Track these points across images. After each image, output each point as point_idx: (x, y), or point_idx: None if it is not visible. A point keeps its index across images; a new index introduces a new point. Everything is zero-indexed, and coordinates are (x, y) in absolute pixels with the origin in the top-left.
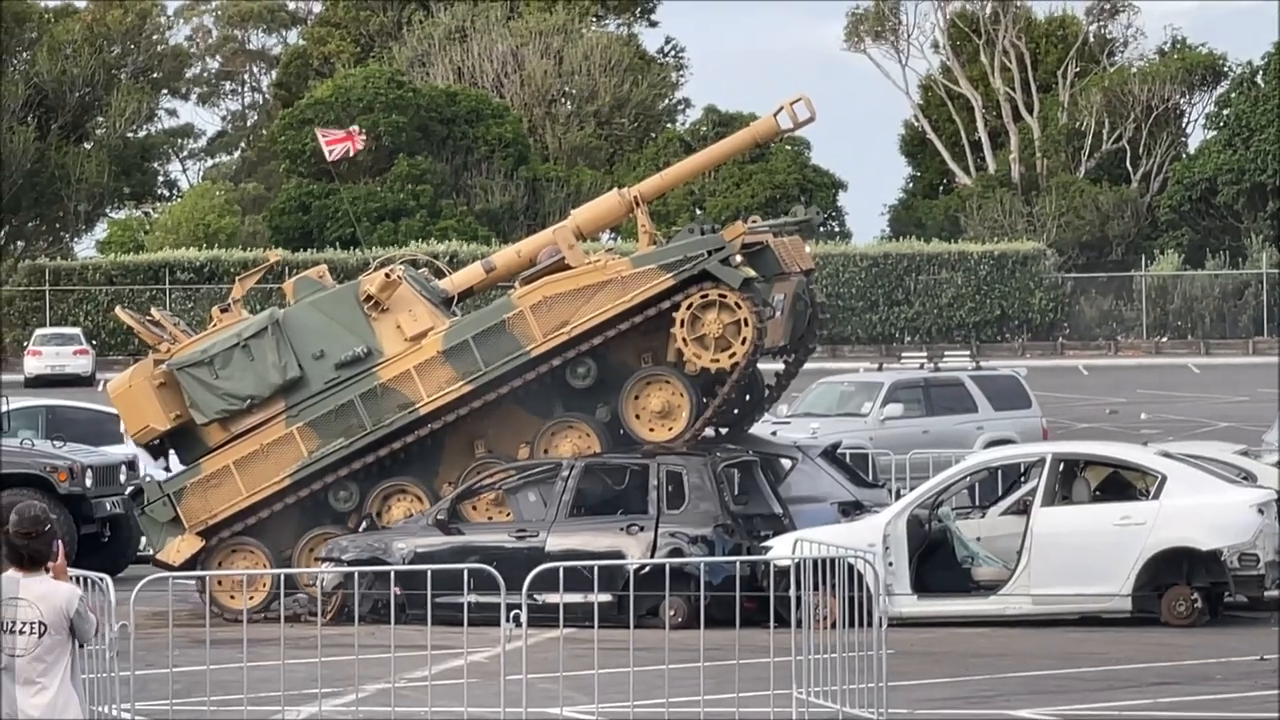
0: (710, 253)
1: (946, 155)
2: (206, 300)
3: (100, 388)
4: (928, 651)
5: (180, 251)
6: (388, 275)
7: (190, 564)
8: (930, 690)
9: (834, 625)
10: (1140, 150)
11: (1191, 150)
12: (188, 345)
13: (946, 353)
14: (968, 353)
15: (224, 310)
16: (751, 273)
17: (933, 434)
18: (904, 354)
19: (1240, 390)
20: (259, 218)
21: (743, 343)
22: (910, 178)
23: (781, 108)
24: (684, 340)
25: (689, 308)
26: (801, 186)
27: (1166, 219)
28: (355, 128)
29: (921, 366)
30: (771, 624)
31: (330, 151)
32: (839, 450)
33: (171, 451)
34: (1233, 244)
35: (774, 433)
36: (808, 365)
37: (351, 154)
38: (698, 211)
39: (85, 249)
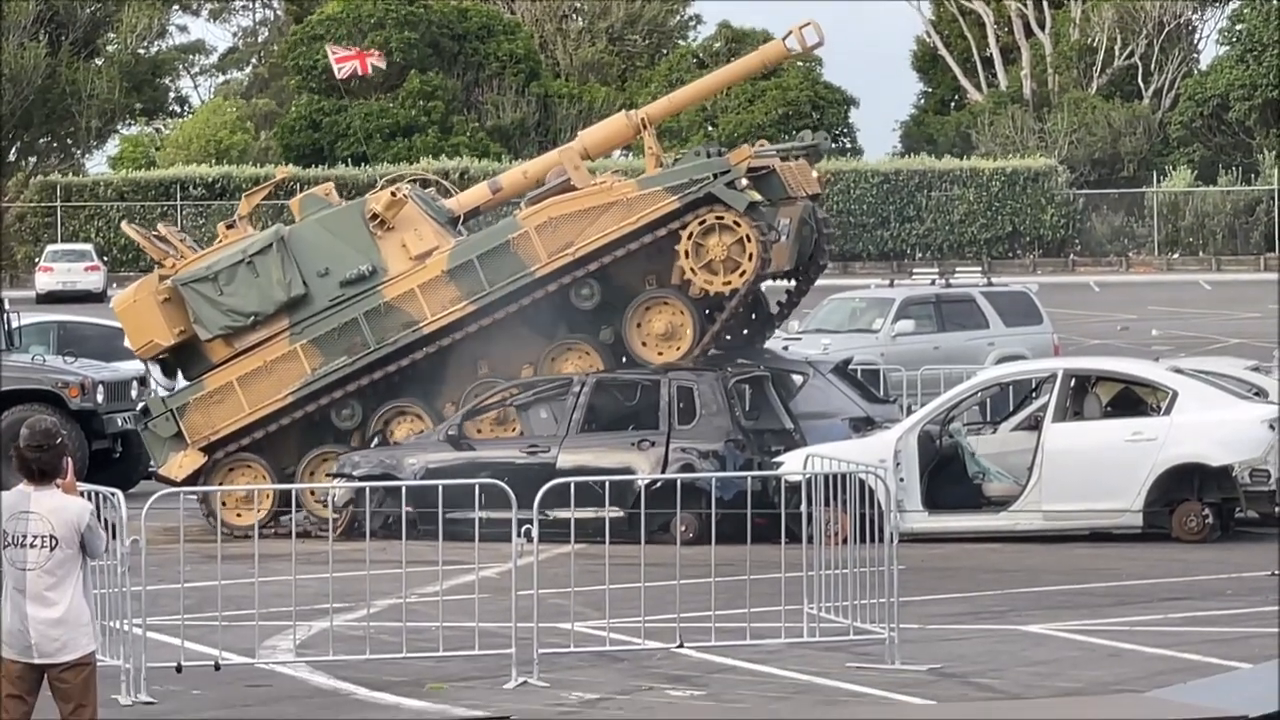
0: (716, 176)
1: (958, 71)
2: (218, 216)
3: (111, 304)
4: (939, 567)
5: (191, 168)
6: (394, 194)
7: (193, 479)
8: (941, 606)
9: (845, 541)
10: (1152, 66)
11: (1204, 66)
12: (193, 261)
13: (958, 269)
14: (979, 269)
15: (230, 226)
16: (757, 196)
17: (944, 350)
18: (915, 270)
19: (1251, 306)
20: (270, 134)
21: (747, 265)
22: (922, 94)
23: (790, 32)
24: (688, 263)
25: (693, 232)
26: (813, 104)
27: (1178, 135)
28: (374, 50)
29: (933, 283)
30: (783, 540)
31: (339, 69)
32: (850, 366)
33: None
34: (1244, 160)
35: (785, 349)
36: (819, 282)
37: (360, 73)
38: (710, 129)
39: (97, 165)
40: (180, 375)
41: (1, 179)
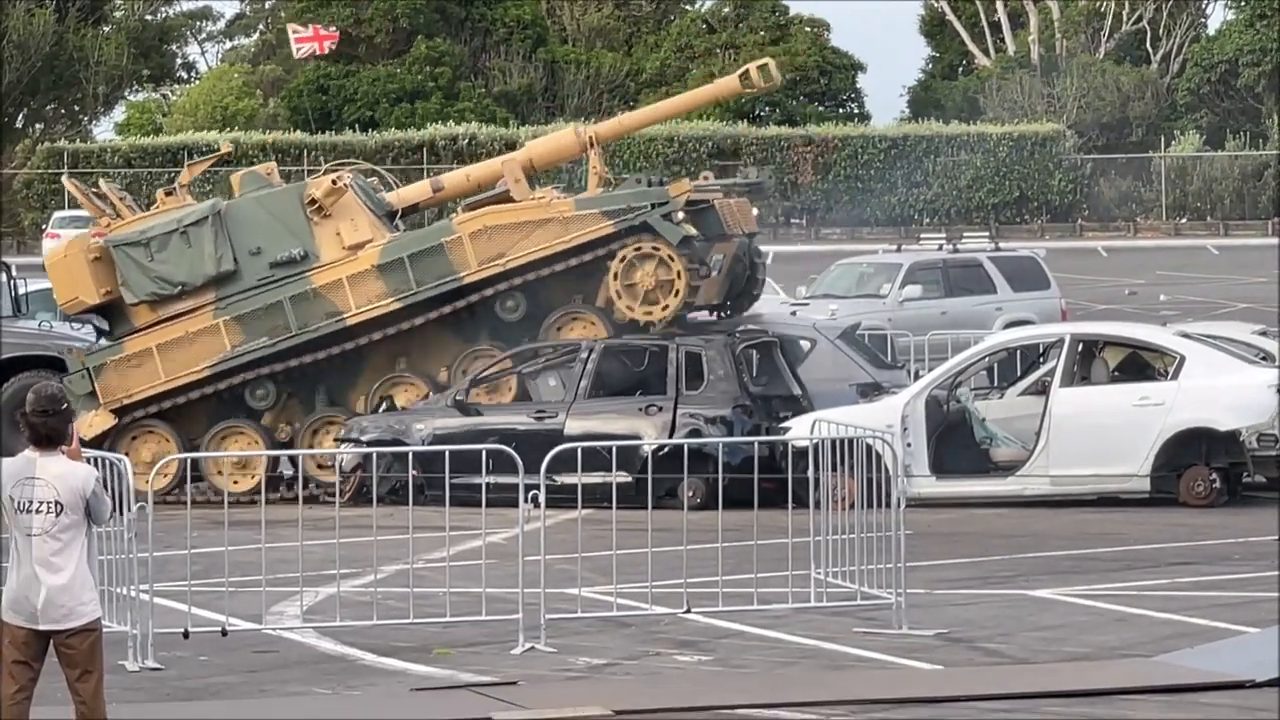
0: (654, 206)
1: (966, 36)
2: (225, 183)
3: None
4: (946, 532)
5: (199, 134)
6: (334, 182)
7: (99, 441)
8: (948, 571)
9: (852, 506)
10: (1160, 31)
11: (1212, 31)
12: (129, 224)
13: (965, 234)
14: (986, 234)
15: (169, 194)
16: (691, 231)
17: (951, 315)
18: (922, 235)
19: (1259, 271)
20: (277, 100)
21: (672, 300)
22: (929, 59)
23: (748, 69)
24: (616, 289)
25: (624, 258)
26: (821, 69)
27: (1186, 101)
28: (331, 27)
29: (940, 248)
30: (790, 505)
31: (298, 50)
32: (858, 331)
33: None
34: (1252, 126)
35: (793, 314)
36: (826, 247)
37: (318, 54)
38: None
39: (104, 132)
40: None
41: (6, 145)
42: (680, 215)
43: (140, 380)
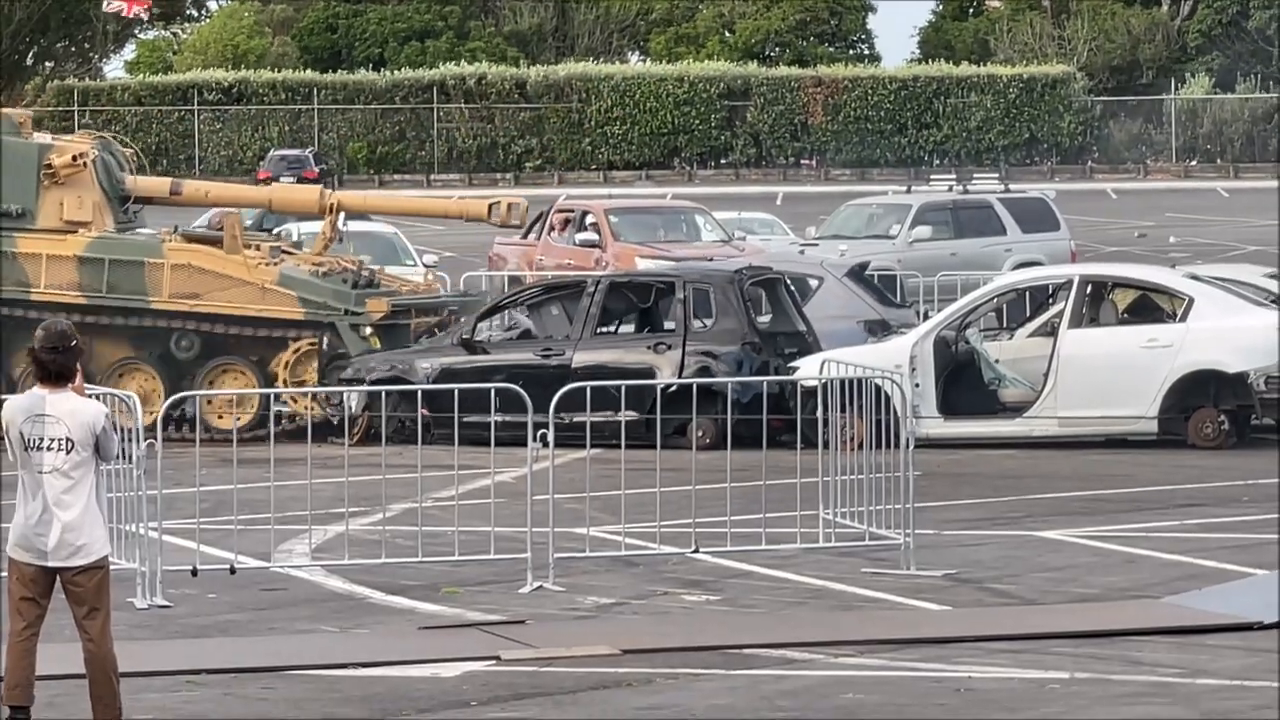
0: (347, 312)
1: None
2: (235, 121)
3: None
4: (954, 473)
5: (209, 72)
6: (75, 158)
7: None
8: (957, 511)
9: (861, 446)
10: None
11: None
12: None
13: (975, 175)
14: (996, 176)
15: None
16: (375, 346)
17: (961, 256)
18: (932, 177)
19: (1268, 214)
20: (288, 38)
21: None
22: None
23: (497, 203)
24: (284, 374)
25: (301, 349)
26: (831, 9)
27: (1197, 43)
28: None
29: (950, 189)
30: (798, 445)
31: (109, 4)
32: (867, 271)
33: None
34: (1263, 68)
35: (801, 252)
36: (836, 188)
37: (127, 13)
38: (728, 35)
39: (114, 69)
40: None
41: (17, 83)
42: (368, 330)
43: None
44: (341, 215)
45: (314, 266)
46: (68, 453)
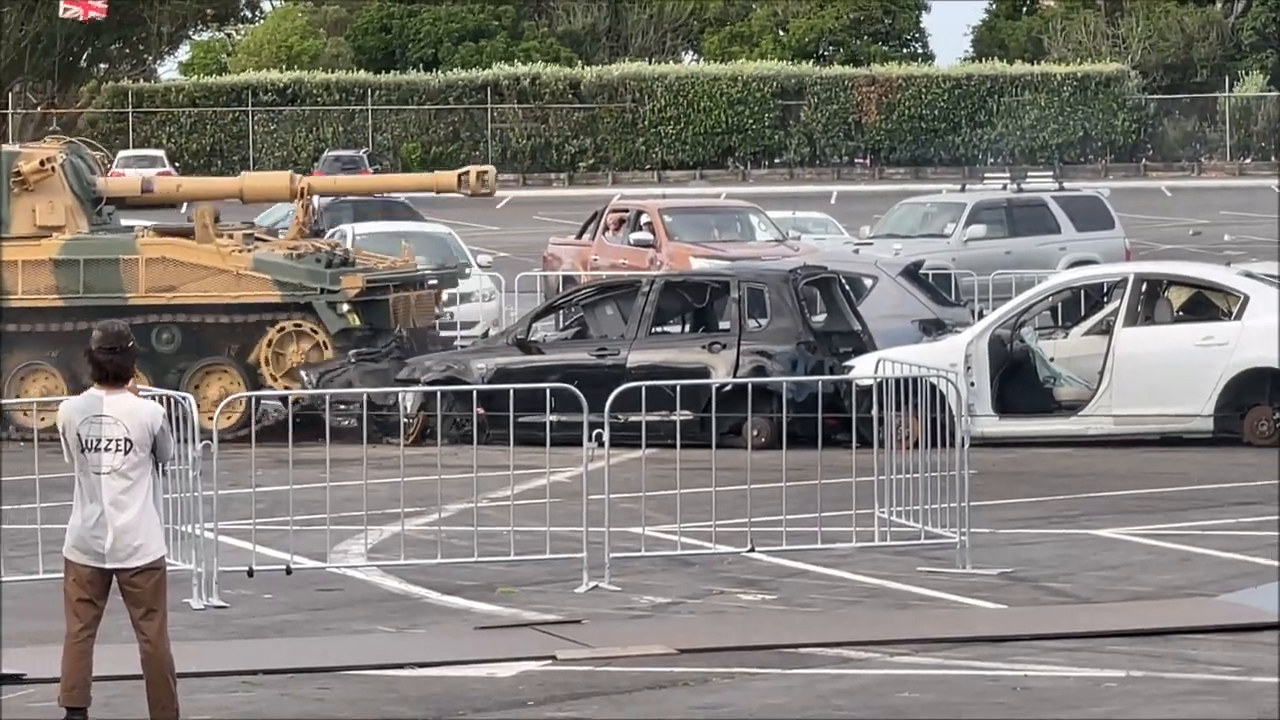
0: (323, 291)
1: None
2: (289, 122)
3: (183, 209)
4: (1009, 471)
5: (263, 73)
6: (43, 163)
7: None
8: (1012, 510)
9: (916, 445)
10: None
11: None
12: None
13: (1029, 174)
14: (1051, 174)
15: None
16: (354, 323)
17: (1015, 255)
18: (987, 175)
19: None
20: (341, 39)
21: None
22: None
23: (468, 172)
24: (264, 358)
25: (282, 329)
26: (885, 8)
27: (1251, 40)
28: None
29: (1004, 187)
30: (853, 444)
31: (65, 10)
32: (921, 270)
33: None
34: None
35: (855, 251)
36: (890, 186)
37: (84, 19)
38: (781, 34)
39: (168, 71)
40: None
41: (72, 85)
42: (345, 307)
43: None
44: (315, 198)
45: (288, 250)
46: (126, 453)
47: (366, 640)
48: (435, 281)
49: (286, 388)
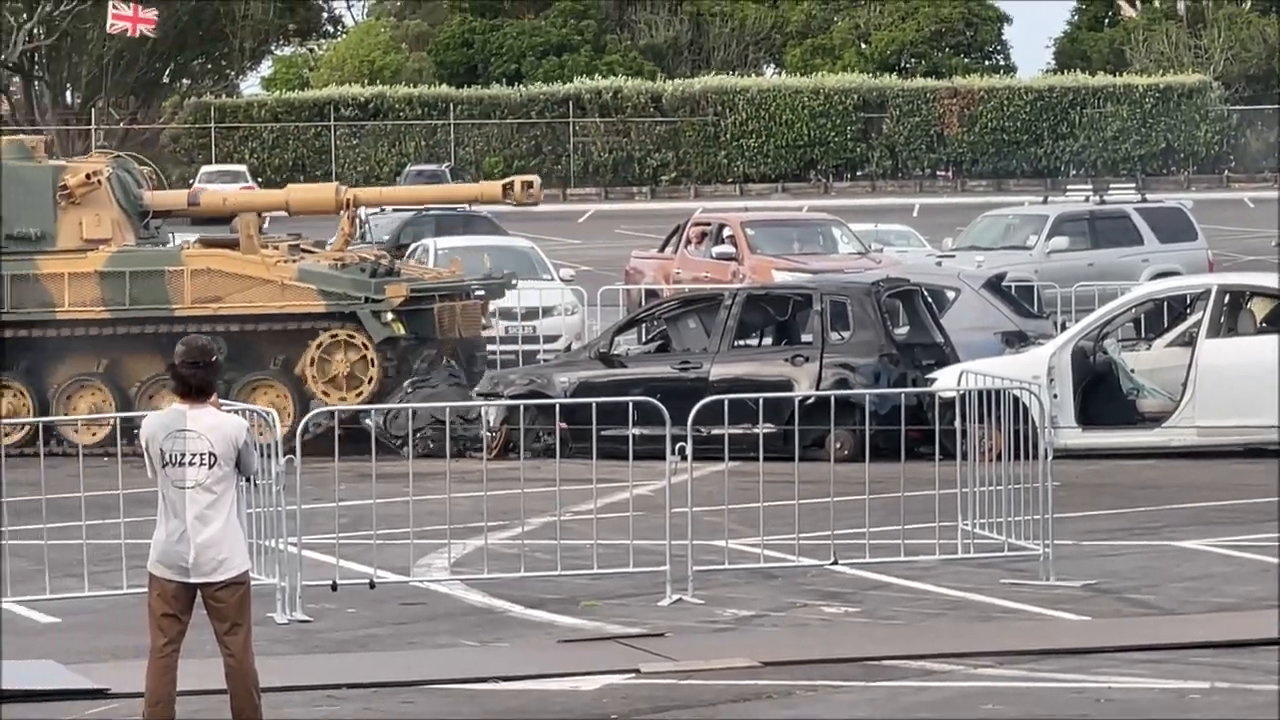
0: (367, 300)
1: None
2: (371, 137)
3: (264, 222)
4: (1093, 483)
5: (345, 88)
6: (89, 176)
7: None
8: (1095, 522)
9: (999, 457)
10: None
11: None
12: None
13: (1112, 185)
14: (1133, 185)
15: None
16: (399, 332)
17: (1098, 266)
18: (1069, 187)
19: None
20: (423, 54)
21: (366, 388)
22: (1075, 10)
23: (512, 183)
24: (310, 370)
25: (324, 342)
26: (967, 20)
27: None
28: (150, 12)
29: (1087, 199)
30: (937, 456)
31: (112, 25)
32: (1004, 282)
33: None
34: None
35: (938, 264)
36: (972, 199)
37: (131, 34)
38: (863, 46)
39: (250, 86)
40: None
41: (155, 100)
42: (390, 316)
43: None
44: (362, 210)
45: (333, 261)
46: (210, 467)
47: (450, 654)
48: (482, 292)
49: (341, 400)
